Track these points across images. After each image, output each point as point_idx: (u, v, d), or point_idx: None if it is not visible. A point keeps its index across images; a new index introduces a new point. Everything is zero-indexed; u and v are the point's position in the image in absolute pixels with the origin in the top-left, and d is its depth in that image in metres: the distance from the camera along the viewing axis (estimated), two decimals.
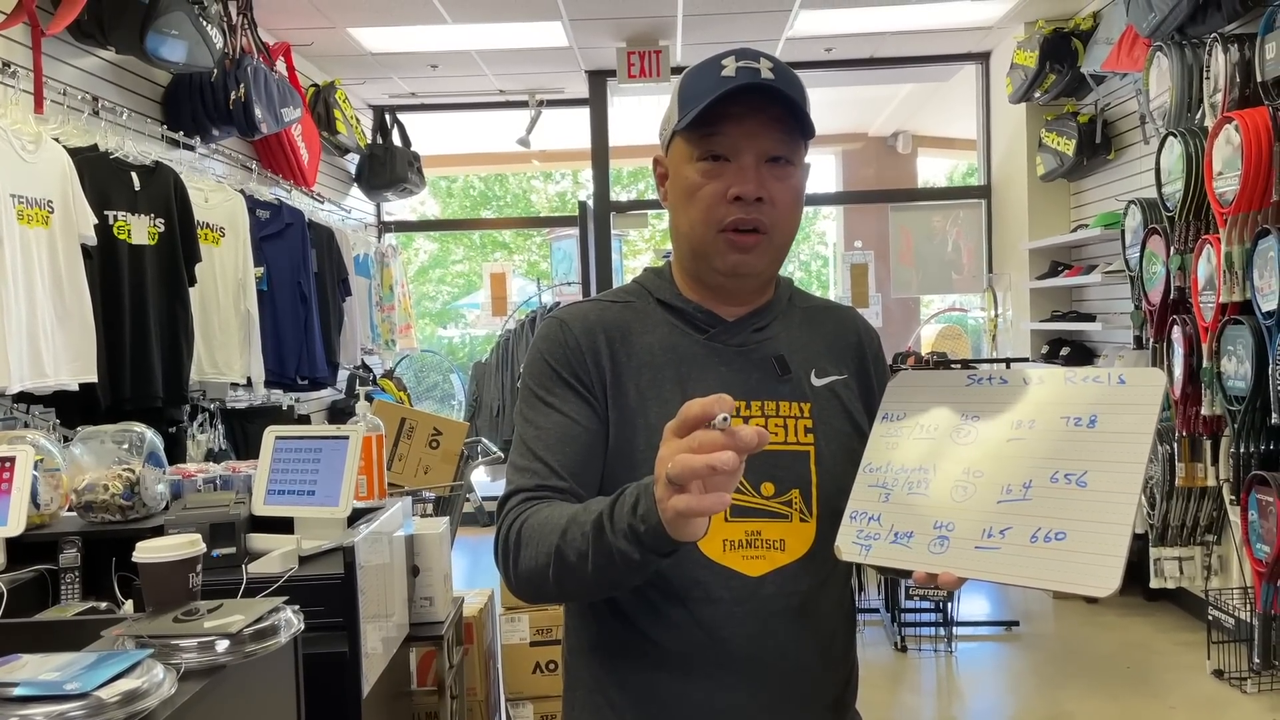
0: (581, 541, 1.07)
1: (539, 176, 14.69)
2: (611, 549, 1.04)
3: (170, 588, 1.27)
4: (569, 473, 1.22)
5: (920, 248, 6.87)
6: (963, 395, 1.21)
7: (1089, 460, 1.06)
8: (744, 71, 1.20)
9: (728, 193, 1.22)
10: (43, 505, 1.98)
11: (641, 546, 1.01)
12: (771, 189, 1.23)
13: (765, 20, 5.74)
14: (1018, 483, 1.09)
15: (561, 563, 1.10)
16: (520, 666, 3.16)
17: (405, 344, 6.85)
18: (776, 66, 1.22)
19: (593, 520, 1.06)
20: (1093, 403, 1.11)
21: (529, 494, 1.21)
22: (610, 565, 1.05)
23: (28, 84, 3.33)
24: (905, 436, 1.20)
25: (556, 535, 1.11)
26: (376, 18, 5.44)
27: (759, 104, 1.21)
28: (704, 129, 1.22)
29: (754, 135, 1.21)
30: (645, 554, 1.02)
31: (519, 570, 1.17)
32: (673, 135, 1.28)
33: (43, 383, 3.03)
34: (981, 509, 1.10)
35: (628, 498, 1.03)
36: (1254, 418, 3.54)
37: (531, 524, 1.16)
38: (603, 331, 1.29)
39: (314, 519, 1.87)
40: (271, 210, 4.77)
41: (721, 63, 1.23)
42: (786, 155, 1.24)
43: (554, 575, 1.12)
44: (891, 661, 4.39)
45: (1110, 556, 1.00)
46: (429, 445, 3.31)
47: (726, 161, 1.22)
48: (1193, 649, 4.26)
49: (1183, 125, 3.97)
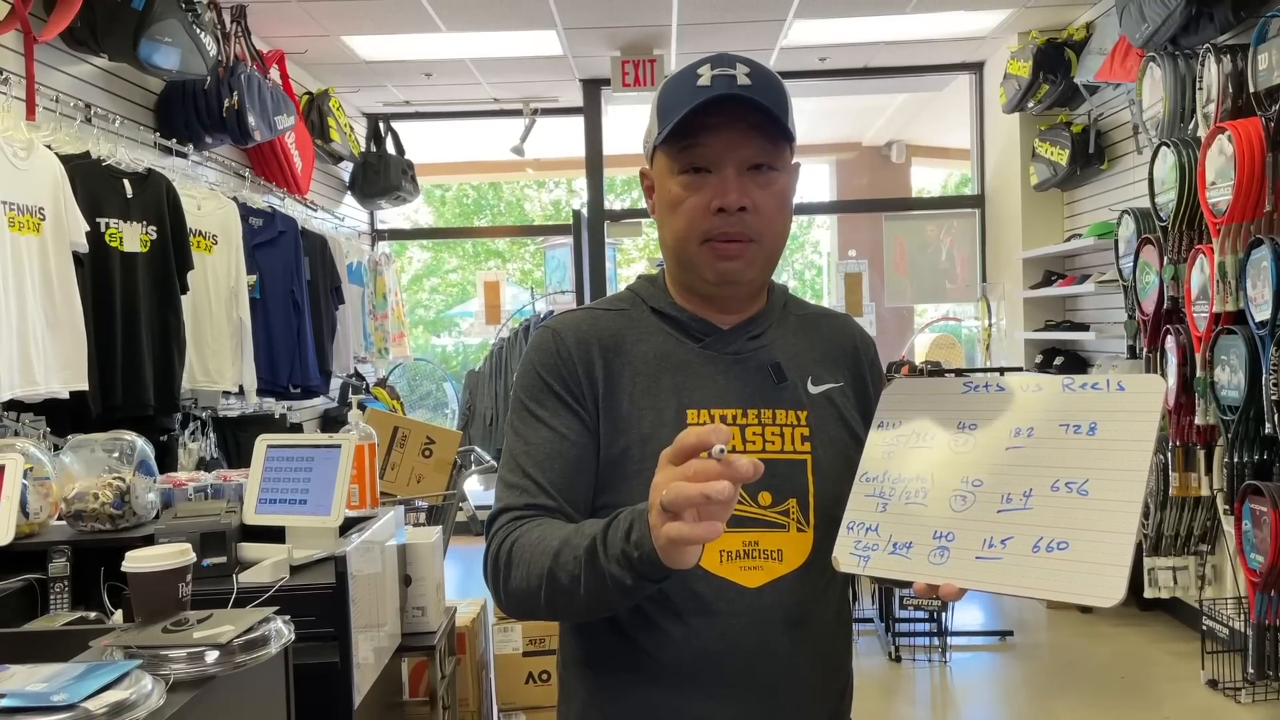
0: (574, 565, 1.07)
1: (533, 185, 14.70)
2: (604, 573, 1.04)
3: (160, 597, 1.26)
4: (557, 490, 1.21)
5: (914, 257, 6.88)
6: (959, 403, 1.19)
7: (1090, 468, 1.05)
8: (720, 80, 1.19)
9: (710, 205, 1.21)
10: (32, 514, 1.96)
11: (634, 572, 1.01)
12: (755, 197, 1.21)
13: (760, 30, 5.75)
14: (1018, 491, 1.08)
15: (553, 585, 1.10)
16: (513, 677, 3.15)
17: (398, 352, 6.84)
18: (754, 71, 1.21)
19: (586, 545, 1.06)
20: (1092, 410, 1.10)
21: (518, 513, 1.20)
22: (602, 589, 1.05)
23: (20, 91, 3.32)
24: (902, 445, 1.19)
25: (548, 558, 1.11)
26: (371, 26, 5.44)
27: (737, 113, 1.19)
28: (682, 141, 1.21)
29: (733, 145, 1.20)
30: (638, 580, 1.02)
31: (509, 590, 1.17)
32: (655, 149, 1.27)
33: (33, 390, 3.01)
34: (982, 519, 1.09)
35: (621, 523, 1.04)
36: (1247, 427, 3.55)
37: (522, 544, 1.15)
38: (596, 341, 1.28)
39: (305, 528, 1.86)
40: (264, 218, 4.76)
41: (697, 72, 1.21)
42: (768, 162, 1.22)
43: (545, 597, 1.12)
44: (886, 671, 4.38)
45: (1114, 566, 0.99)
46: (422, 454, 3.30)
47: (707, 173, 1.21)
48: (1187, 659, 4.26)
49: (1176, 135, 3.98)
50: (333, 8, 5.11)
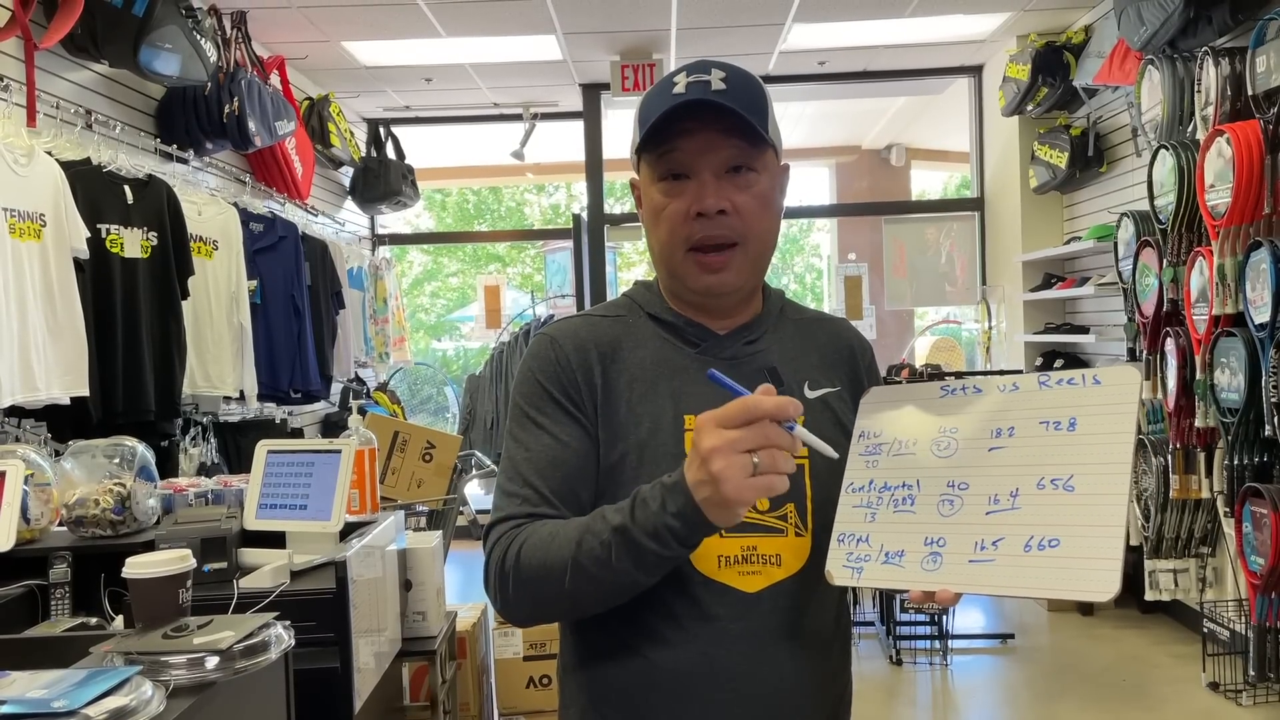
0: (602, 550, 1.09)
1: (532, 189, 14.70)
2: (641, 550, 1.07)
3: (160, 603, 1.26)
4: (559, 498, 1.21)
5: (914, 260, 6.88)
6: (938, 407, 1.20)
7: (1074, 464, 1.06)
8: (694, 87, 1.20)
9: (689, 210, 1.22)
10: (33, 520, 1.96)
11: (676, 539, 1.06)
12: (735, 199, 1.22)
13: (759, 33, 5.76)
14: (1005, 492, 1.08)
15: (579, 574, 1.11)
16: (514, 681, 3.15)
17: (399, 357, 6.85)
18: (730, 76, 1.21)
19: (614, 525, 1.09)
20: (1070, 405, 1.10)
21: (519, 522, 1.20)
22: (636, 567, 1.08)
23: (20, 97, 3.33)
24: (884, 453, 1.20)
25: (570, 548, 1.12)
26: (370, 31, 5.45)
27: (711, 117, 1.20)
28: (660, 148, 1.22)
29: (708, 149, 1.21)
30: (679, 548, 1.07)
31: (517, 593, 1.17)
32: (639, 158, 1.28)
33: (34, 396, 3.01)
34: (971, 521, 1.09)
35: (649, 500, 1.07)
36: (1247, 430, 3.55)
37: (533, 543, 1.15)
38: (594, 347, 1.28)
39: (306, 533, 1.86)
40: (265, 223, 4.76)
41: (674, 80, 1.22)
42: (747, 164, 1.23)
43: (570, 587, 1.12)
44: (887, 675, 4.37)
45: (1107, 560, 0.99)
46: (422, 458, 3.30)
47: (686, 179, 1.22)
48: (1188, 662, 4.26)
49: (1175, 138, 3.99)
50: (333, 13, 5.12)
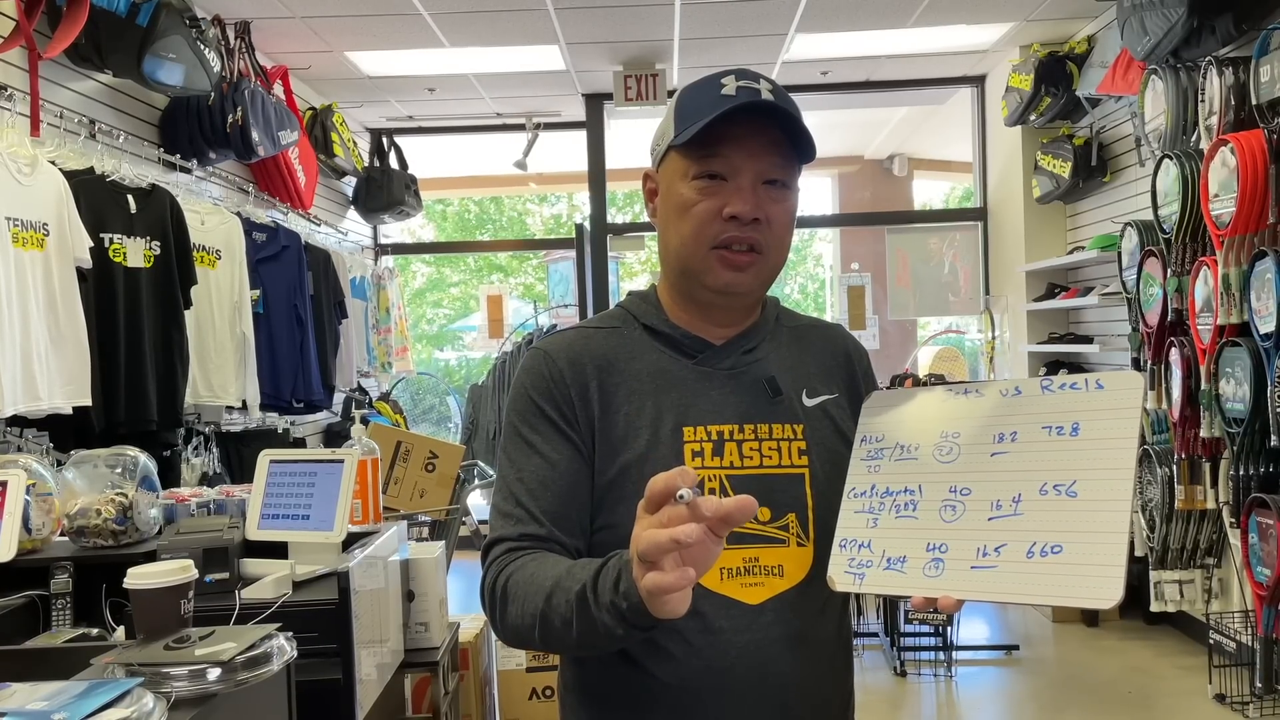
0: (566, 609, 1.07)
1: (535, 199, 14.72)
2: (595, 621, 1.03)
3: (161, 614, 1.25)
4: (550, 519, 1.20)
5: (917, 270, 6.88)
6: (939, 412, 1.19)
7: (1076, 469, 1.05)
8: (744, 91, 1.20)
9: (723, 211, 1.21)
10: (34, 530, 1.96)
11: (624, 622, 1.00)
12: (768, 210, 1.22)
13: (762, 43, 5.77)
14: (1007, 497, 1.08)
15: (547, 626, 1.10)
16: (516, 692, 3.14)
17: (401, 366, 6.84)
18: (775, 89, 1.22)
19: (577, 590, 1.05)
20: (1073, 410, 1.09)
21: (513, 544, 1.20)
22: (594, 634, 1.04)
23: (24, 107, 3.33)
24: (886, 458, 1.19)
25: (541, 599, 1.10)
26: (374, 41, 5.46)
27: (760, 125, 1.20)
28: (704, 148, 1.21)
29: (754, 156, 1.21)
30: (628, 629, 1.01)
31: (506, 624, 1.17)
32: (667, 150, 1.26)
33: (36, 406, 3.01)
34: (974, 527, 1.08)
35: (610, 571, 1.02)
36: (1253, 440, 3.53)
37: (516, 580, 1.15)
38: (590, 361, 1.27)
39: (308, 544, 1.85)
40: (268, 233, 4.77)
41: (721, 81, 1.22)
42: (783, 179, 1.23)
43: (540, 636, 1.12)
44: (891, 686, 4.36)
45: (1110, 566, 0.98)
46: (425, 469, 3.29)
47: (724, 181, 1.22)
48: (1194, 673, 4.24)
49: (1178, 148, 3.98)
50: (336, 24, 5.13)
